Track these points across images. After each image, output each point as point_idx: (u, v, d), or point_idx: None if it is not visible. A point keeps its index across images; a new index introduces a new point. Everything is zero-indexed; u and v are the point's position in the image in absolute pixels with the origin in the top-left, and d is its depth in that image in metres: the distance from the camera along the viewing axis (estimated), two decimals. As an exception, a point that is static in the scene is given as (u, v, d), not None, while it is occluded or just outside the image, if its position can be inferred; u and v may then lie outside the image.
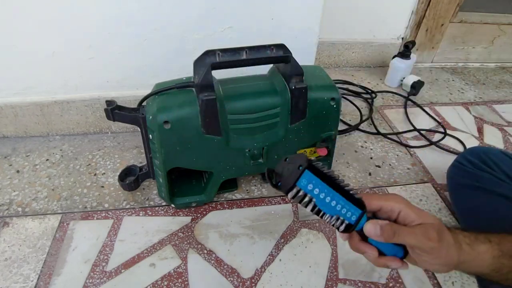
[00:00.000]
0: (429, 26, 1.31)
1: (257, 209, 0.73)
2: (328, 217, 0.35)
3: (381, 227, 0.35)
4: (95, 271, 0.60)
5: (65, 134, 0.91)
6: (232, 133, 0.64)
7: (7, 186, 0.75)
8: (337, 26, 1.26)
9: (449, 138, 0.99)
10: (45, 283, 0.58)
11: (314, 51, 0.87)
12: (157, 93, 0.61)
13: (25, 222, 0.68)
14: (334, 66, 1.37)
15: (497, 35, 1.42)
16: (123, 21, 0.74)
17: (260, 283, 0.59)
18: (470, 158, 0.69)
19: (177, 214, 0.71)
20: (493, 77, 1.40)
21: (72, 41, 0.75)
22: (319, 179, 0.33)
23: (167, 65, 0.82)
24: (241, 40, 0.80)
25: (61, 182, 0.77)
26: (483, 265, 0.38)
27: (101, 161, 0.83)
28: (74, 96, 0.84)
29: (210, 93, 0.58)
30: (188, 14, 0.75)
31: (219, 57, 0.57)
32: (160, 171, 0.65)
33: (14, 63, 0.77)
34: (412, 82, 1.17)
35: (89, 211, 0.71)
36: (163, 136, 0.59)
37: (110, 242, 0.65)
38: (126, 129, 0.92)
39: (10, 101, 0.82)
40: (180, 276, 0.60)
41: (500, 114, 1.14)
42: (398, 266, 0.37)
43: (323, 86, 0.67)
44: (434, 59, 1.44)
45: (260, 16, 0.78)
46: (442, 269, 0.37)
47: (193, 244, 0.65)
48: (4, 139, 0.89)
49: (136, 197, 0.74)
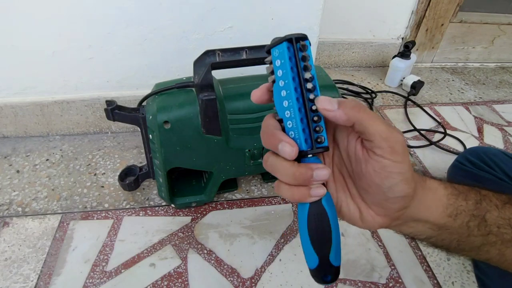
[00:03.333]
0: (429, 26, 1.31)
1: (257, 209, 0.73)
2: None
3: (339, 100, 0.27)
4: (95, 271, 0.60)
5: (65, 134, 0.91)
6: (232, 133, 0.64)
7: (7, 186, 0.75)
8: (337, 26, 1.26)
9: (449, 138, 0.99)
10: (45, 283, 0.58)
11: (314, 51, 0.87)
12: (157, 93, 0.61)
13: (25, 222, 0.68)
14: (334, 66, 1.37)
15: (497, 35, 1.42)
16: (123, 21, 0.74)
17: (260, 283, 0.59)
18: (470, 158, 0.69)
19: (177, 214, 0.71)
20: (493, 77, 1.40)
21: (72, 41, 0.75)
22: (289, 62, 0.26)
23: (167, 65, 0.82)
24: (241, 40, 0.80)
25: (61, 182, 0.77)
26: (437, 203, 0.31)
27: (101, 161, 0.83)
28: (74, 96, 0.84)
29: (210, 93, 0.58)
30: (188, 14, 0.75)
31: (219, 57, 0.57)
32: (160, 171, 0.65)
33: (14, 63, 0.77)
34: (412, 82, 1.17)
35: (89, 211, 0.71)
36: (163, 136, 0.59)
37: (110, 242, 0.65)
38: (126, 129, 0.92)
39: (10, 101, 0.82)
40: (180, 276, 0.60)
41: (500, 114, 1.14)
42: (325, 172, 0.26)
43: (323, 86, 0.67)
44: (434, 59, 1.44)
45: (260, 16, 0.78)
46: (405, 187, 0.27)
47: (193, 244, 0.65)
48: (4, 139, 0.89)
49: (136, 197, 0.74)
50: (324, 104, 0.26)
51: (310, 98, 0.27)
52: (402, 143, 0.27)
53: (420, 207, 0.30)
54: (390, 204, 0.28)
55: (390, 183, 0.27)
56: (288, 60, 0.26)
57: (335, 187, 0.31)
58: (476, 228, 0.31)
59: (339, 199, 0.31)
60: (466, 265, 0.65)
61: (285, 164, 0.27)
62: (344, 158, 0.31)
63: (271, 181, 0.79)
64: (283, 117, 0.27)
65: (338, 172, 0.32)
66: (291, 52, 0.26)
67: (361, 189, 0.30)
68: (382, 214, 0.29)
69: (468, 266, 0.64)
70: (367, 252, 0.66)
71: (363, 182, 0.29)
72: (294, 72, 0.26)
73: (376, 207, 0.30)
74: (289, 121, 0.27)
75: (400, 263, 0.64)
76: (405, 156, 0.27)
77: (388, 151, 0.26)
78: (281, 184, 0.28)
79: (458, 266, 0.64)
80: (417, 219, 0.31)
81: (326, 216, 0.27)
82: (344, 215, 0.31)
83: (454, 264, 0.65)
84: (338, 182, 0.31)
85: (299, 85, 0.27)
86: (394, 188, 0.27)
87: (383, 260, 0.64)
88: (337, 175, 0.32)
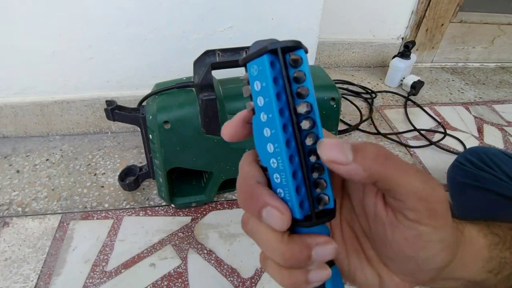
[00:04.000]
0: (429, 26, 1.31)
1: (257, 209, 0.73)
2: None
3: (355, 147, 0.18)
4: (95, 271, 0.60)
5: (65, 134, 0.91)
6: (232, 133, 0.64)
7: (7, 186, 0.75)
8: (337, 26, 1.26)
9: (449, 138, 0.99)
10: (45, 283, 0.58)
11: (314, 51, 0.87)
12: (157, 93, 0.61)
13: (25, 222, 0.68)
14: (334, 66, 1.37)
15: (497, 35, 1.42)
16: (123, 21, 0.74)
17: (260, 283, 0.59)
18: (470, 158, 0.69)
19: (177, 214, 0.71)
20: (493, 77, 1.40)
21: (72, 41, 0.75)
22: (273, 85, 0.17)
23: (167, 65, 0.82)
24: (241, 40, 0.80)
25: (61, 182, 0.77)
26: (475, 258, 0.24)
27: (101, 161, 0.83)
28: (74, 96, 0.84)
29: (210, 93, 0.58)
30: (188, 14, 0.75)
31: (219, 57, 0.57)
32: (160, 171, 0.65)
33: (14, 63, 0.77)
34: (412, 82, 1.17)
35: (89, 211, 0.71)
36: (163, 136, 0.59)
37: (110, 242, 0.65)
38: (126, 129, 0.92)
39: (10, 101, 0.82)
40: (180, 276, 0.60)
41: (500, 114, 1.14)
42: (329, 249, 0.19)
43: (323, 86, 0.67)
44: (434, 59, 1.44)
45: (260, 16, 0.78)
46: (446, 256, 0.20)
47: (193, 244, 0.65)
48: (4, 139, 0.89)
49: (136, 197, 0.74)
50: (332, 153, 0.18)
51: (307, 141, 0.18)
52: (445, 203, 0.19)
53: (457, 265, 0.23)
54: (422, 275, 0.21)
55: (427, 254, 0.20)
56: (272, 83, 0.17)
57: (346, 250, 0.23)
58: None
59: (352, 265, 0.23)
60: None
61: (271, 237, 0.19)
62: (358, 213, 0.23)
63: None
64: (267, 166, 0.19)
65: (349, 229, 0.24)
66: (277, 70, 0.17)
67: (384, 255, 0.22)
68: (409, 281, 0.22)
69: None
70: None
71: (388, 250, 0.21)
72: (282, 102, 0.17)
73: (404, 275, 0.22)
74: (276, 173, 0.18)
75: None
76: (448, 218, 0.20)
77: (426, 215, 0.19)
78: (268, 260, 0.20)
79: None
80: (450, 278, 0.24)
81: None
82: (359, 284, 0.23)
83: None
84: (349, 243, 0.24)
85: (291, 122, 0.18)
86: (432, 259, 0.20)
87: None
88: (348, 233, 0.24)
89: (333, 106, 0.66)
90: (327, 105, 0.66)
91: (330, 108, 0.66)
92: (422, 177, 0.18)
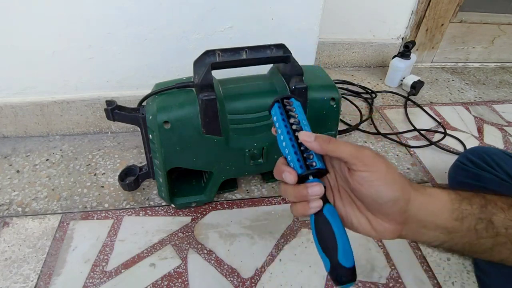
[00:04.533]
0: (429, 26, 1.31)
1: (257, 209, 0.73)
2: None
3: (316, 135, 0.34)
4: (95, 271, 0.60)
5: (65, 134, 0.91)
6: (232, 133, 0.64)
7: (7, 186, 0.75)
8: (337, 26, 1.26)
9: (449, 138, 0.99)
10: (45, 283, 0.58)
11: (314, 51, 0.87)
12: (157, 93, 0.61)
13: (25, 222, 0.68)
14: (334, 66, 1.37)
15: (497, 35, 1.42)
16: (123, 21, 0.74)
17: (260, 283, 0.59)
18: (471, 158, 0.69)
19: (177, 214, 0.71)
20: (493, 77, 1.40)
21: (72, 41, 0.75)
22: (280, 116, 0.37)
23: (167, 65, 0.82)
24: (241, 40, 0.80)
25: (61, 182, 0.77)
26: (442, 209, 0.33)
27: (101, 161, 0.83)
28: (74, 96, 0.84)
29: (210, 93, 0.58)
30: (188, 14, 0.75)
31: (219, 57, 0.57)
32: (160, 171, 0.65)
33: (14, 63, 0.77)
34: (412, 82, 1.17)
35: (89, 211, 0.71)
36: (163, 136, 0.59)
37: (110, 242, 0.65)
38: (126, 129, 0.92)
39: (10, 101, 0.82)
40: (180, 276, 0.60)
41: (500, 114, 1.14)
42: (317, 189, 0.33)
43: (323, 86, 0.67)
44: (434, 59, 1.44)
45: (260, 16, 0.78)
46: (389, 190, 0.31)
47: (193, 244, 0.65)
48: (4, 139, 0.89)
49: (136, 197, 0.74)
50: (304, 137, 0.35)
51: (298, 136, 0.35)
52: (370, 155, 0.32)
53: (425, 212, 0.33)
54: (387, 209, 0.32)
55: (374, 190, 0.32)
56: (279, 115, 0.38)
57: (342, 203, 0.36)
58: (484, 230, 0.33)
59: (348, 213, 0.35)
60: (466, 265, 0.64)
61: (290, 188, 0.34)
62: (342, 178, 0.36)
63: (271, 181, 0.79)
64: (285, 155, 0.36)
65: (343, 191, 0.36)
66: (281, 109, 0.38)
67: (362, 201, 0.34)
68: (387, 219, 0.33)
69: (468, 266, 0.64)
70: (367, 252, 0.66)
71: (358, 196, 0.34)
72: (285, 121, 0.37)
73: (379, 214, 0.33)
74: (288, 155, 0.36)
75: (400, 263, 0.64)
76: (377, 165, 0.32)
77: (360, 165, 0.32)
78: (292, 204, 0.35)
79: (458, 266, 0.64)
80: (425, 224, 0.33)
81: (329, 224, 0.32)
82: (357, 228, 0.35)
83: (454, 264, 0.65)
84: (344, 198, 0.36)
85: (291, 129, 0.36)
86: (381, 194, 0.32)
87: (383, 260, 0.64)
88: (343, 193, 0.36)
89: (333, 106, 0.66)
90: (327, 105, 0.66)
91: (330, 108, 0.66)
92: (353, 145, 0.33)
